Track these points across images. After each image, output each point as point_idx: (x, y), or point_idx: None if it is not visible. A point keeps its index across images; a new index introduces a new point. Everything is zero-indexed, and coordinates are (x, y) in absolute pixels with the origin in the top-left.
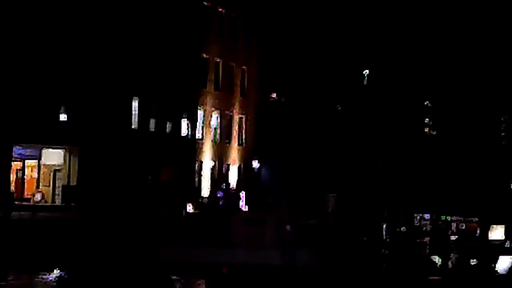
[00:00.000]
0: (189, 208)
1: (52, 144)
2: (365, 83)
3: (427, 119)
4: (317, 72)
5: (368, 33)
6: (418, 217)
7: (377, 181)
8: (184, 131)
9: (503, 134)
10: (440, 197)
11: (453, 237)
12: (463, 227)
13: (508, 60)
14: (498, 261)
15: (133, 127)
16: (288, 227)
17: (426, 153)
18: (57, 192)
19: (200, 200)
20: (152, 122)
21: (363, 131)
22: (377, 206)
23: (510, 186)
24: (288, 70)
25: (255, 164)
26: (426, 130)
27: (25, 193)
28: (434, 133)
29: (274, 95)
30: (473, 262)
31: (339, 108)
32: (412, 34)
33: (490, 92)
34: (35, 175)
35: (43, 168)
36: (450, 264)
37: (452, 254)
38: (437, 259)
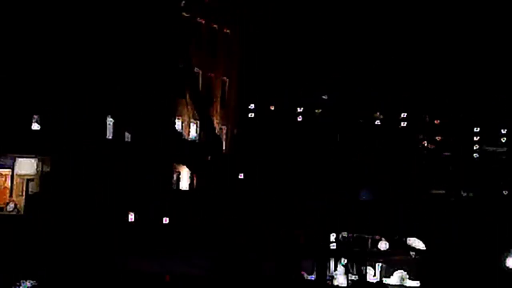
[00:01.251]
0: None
1: (25, 153)
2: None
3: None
4: (300, 81)
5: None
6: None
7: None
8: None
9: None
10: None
11: None
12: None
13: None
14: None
15: (108, 137)
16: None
17: None
18: None
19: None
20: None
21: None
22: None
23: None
24: (270, 79)
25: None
26: None
27: None
28: None
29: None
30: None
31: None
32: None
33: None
34: (9, 184)
35: (16, 177)
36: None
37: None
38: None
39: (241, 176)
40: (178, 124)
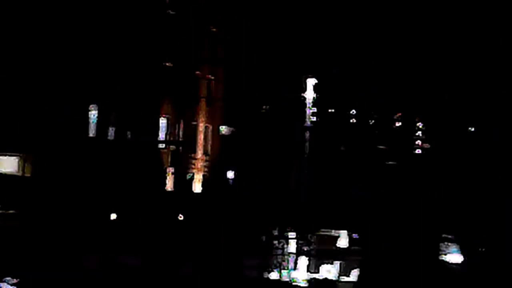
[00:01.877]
0: None
1: (6, 151)
2: (307, 91)
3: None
4: (287, 81)
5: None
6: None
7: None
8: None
9: None
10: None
11: None
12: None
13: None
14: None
15: (90, 135)
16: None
17: None
18: None
19: None
20: (112, 131)
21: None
22: None
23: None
24: (260, 79)
25: (230, 175)
26: None
27: None
28: None
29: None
30: None
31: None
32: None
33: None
34: None
35: None
36: None
37: None
38: None
39: (230, 176)
40: (163, 123)
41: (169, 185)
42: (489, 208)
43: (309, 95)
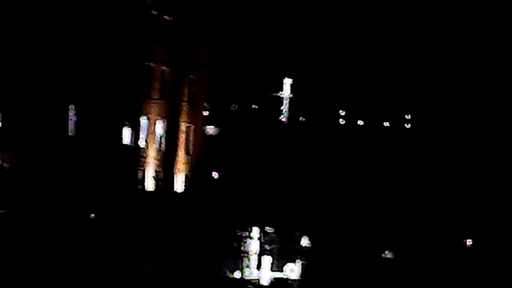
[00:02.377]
0: None
1: None
2: (284, 90)
3: None
4: (270, 80)
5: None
6: None
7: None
8: (127, 139)
9: None
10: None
11: None
12: None
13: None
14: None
15: (70, 134)
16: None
17: None
18: None
19: None
20: (92, 130)
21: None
22: None
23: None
24: (240, 79)
25: (213, 174)
26: None
27: None
28: None
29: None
30: None
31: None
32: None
33: None
34: None
35: None
36: None
37: None
38: None
39: (215, 175)
40: (144, 122)
41: (150, 184)
42: (487, 208)
43: (285, 94)
